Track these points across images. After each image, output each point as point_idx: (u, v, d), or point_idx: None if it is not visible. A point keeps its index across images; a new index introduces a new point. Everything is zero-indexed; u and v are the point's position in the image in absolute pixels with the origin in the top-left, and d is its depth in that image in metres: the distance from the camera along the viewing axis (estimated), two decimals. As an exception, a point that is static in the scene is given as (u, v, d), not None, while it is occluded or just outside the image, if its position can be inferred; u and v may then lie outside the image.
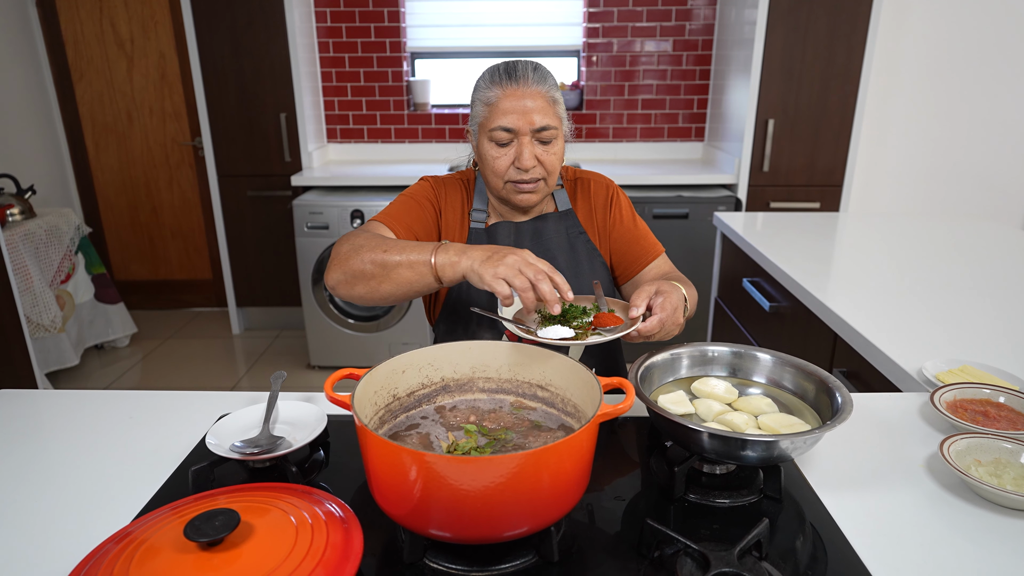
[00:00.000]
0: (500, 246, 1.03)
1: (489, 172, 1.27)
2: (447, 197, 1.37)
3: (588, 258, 1.37)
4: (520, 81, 1.21)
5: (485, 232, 1.35)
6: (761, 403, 0.97)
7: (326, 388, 0.83)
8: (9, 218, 3.00)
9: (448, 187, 1.38)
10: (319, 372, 3.35)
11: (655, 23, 3.58)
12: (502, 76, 1.23)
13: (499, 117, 1.21)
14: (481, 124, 1.25)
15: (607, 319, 1.04)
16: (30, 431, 1.06)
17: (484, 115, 1.24)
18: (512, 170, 1.25)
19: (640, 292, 1.09)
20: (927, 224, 2.35)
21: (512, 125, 1.21)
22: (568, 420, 0.91)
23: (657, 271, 1.40)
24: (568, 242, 1.36)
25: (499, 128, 1.22)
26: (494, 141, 1.24)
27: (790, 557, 0.77)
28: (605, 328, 1.04)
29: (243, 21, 3.24)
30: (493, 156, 1.24)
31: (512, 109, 1.21)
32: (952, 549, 0.78)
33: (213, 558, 0.65)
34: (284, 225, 3.50)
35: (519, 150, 1.22)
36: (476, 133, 1.28)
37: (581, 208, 1.41)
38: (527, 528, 0.72)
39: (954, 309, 1.52)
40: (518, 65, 1.24)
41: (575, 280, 1.34)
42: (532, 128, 1.21)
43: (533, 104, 1.21)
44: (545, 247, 1.35)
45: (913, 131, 3.61)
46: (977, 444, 0.92)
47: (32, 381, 2.45)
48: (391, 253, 1.10)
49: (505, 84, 1.22)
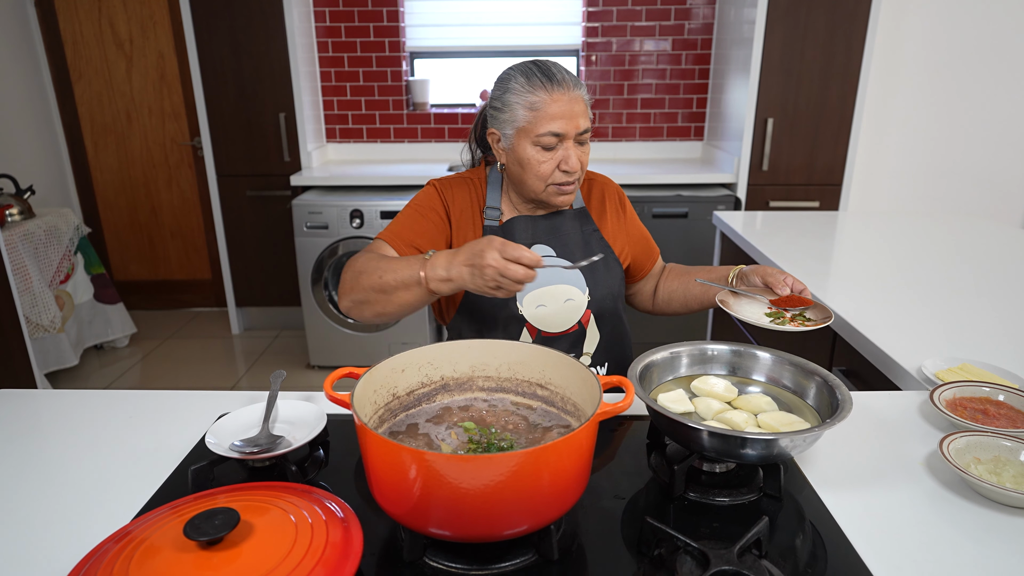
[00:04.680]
0: (476, 247, 1.07)
1: (531, 176, 1.27)
2: (455, 199, 1.37)
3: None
4: (564, 85, 1.22)
5: (500, 229, 1.35)
6: (761, 401, 0.97)
7: (326, 387, 0.83)
8: (8, 218, 3.00)
9: (455, 188, 1.38)
10: (319, 372, 3.35)
11: (654, 22, 3.58)
12: (543, 80, 1.22)
13: (547, 122, 1.21)
14: (523, 128, 1.24)
15: (795, 299, 1.18)
16: (30, 431, 1.06)
17: (528, 119, 1.23)
18: (557, 173, 1.26)
19: (772, 278, 1.22)
20: (926, 223, 2.35)
21: (561, 130, 1.22)
22: (567, 419, 0.91)
23: (658, 267, 1.52)
24: (583, 238, 1.38)
25: (548, 133, 1.22)
26: (540, 145, 1.24)
27: (790, 555, 0.77)
28: (795, 309, 1.18)
29: (242, 21, 3.24)
30: (539, 160, 1.25)
31: (560, 114, 1.21)
32: (951, 547, 0.78)
33: (213, 557, 0.65)
34: (283, 225, 3.50)
35: (565, 154, 1.24)
36: (512, 137, 1.26)
37: (594, 207, 1.43)
38: (527, 526, 0.72)
39: (953, 307, 1.52)
40: (553, 68, 1.23)
41: (592, 276, 1.36)
42: (577, 132, 1.23)
43: (578, 108, 1.23)
44: (563, 243, 1.36)
45: (912, 130, 3.61)
46: (976, 442, 0.92)
47: (31, 381, 2.45)
48: (386, 276, 1.15)
49: (550, 88, 1.21)
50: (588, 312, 1.36)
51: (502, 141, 1.29)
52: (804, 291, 1.20)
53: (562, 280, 1.34)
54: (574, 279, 1.35)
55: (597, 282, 1.36)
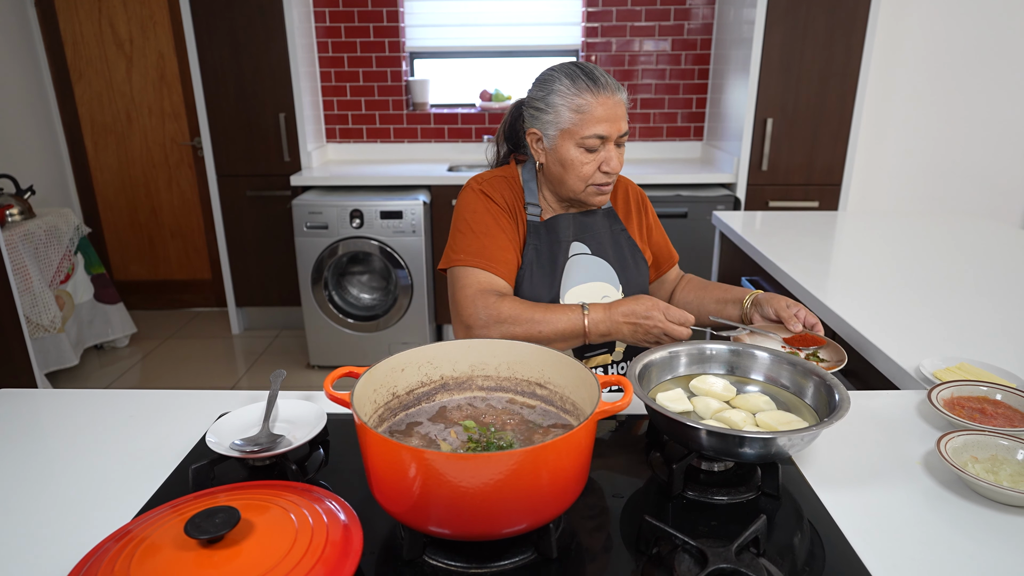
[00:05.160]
0: (639, 309, 1.19)
1: (573, 176, 1.30)
2: (499, 195, 1.38)
3: (631, 254, 1.44)
4: (608, 89, 1.25)
5: (543, 225, 1.38)
6: (759, 400, 0.97)
7: (326, 386, 0.83)
8: (8, 218, 3.00)
9: (497, 186, 1.39)
10: (319, 372, 3.35)
11: (654, 22, 3.58)
12: (588, 83, 1.25)
13: (593, 125, 1.24)
14: (568, 130, 1.27)
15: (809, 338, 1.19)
16: (30, 431, 1.06)
17: (574, 121, 1.26)
18: (598, 174, 1.29)
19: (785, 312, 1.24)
20: (925, 222, 2.35)
21: (606, 132, 1.25)
22: (566, 418, 0.91)
23: (675, 273, 1.57)
24: (612, 237, 1.43)
25: (593, 136, 1.25)
26: (584, 147, 1.27)
27: (788, 553, 0.77)
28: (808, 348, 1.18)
29: (242, 21, 3.24)
30: (582, 162, 1.28)
31: (606, 117, 1.25)
32: (949, 545, 0.78)
33: (213, 555, 0.65)
34: (283, 225, 3.50)
35: (607, 155, 1.28)
36: (555, 137, 1.29)
37: (620, 207, 1.48)
38: (526, 525, 0.72)
39: (952, 307, 1.52)
40: (596, 71, 1.27)
41: (624, 274, 1.41)
42: (619, 134, 1.27)
43: (620, 111, 1.27)
44: (597, 241, 1.40)
45: (911, 130, 3.61)
46: (974, 441, 0.92)
47: (32, 381, 2.46)
48: (544, 330, 1.22)
49: (596, 91, 1.24)
50: None
51: (543, 141, 1.32)
52: (816, 326, 1.22)
53: (598, 278, 1.38)
54: (609, 276, 1.39)
55: (629, 280, 1.41)
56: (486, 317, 1.24)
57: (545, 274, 1.36)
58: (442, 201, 3.27)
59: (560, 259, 1.37)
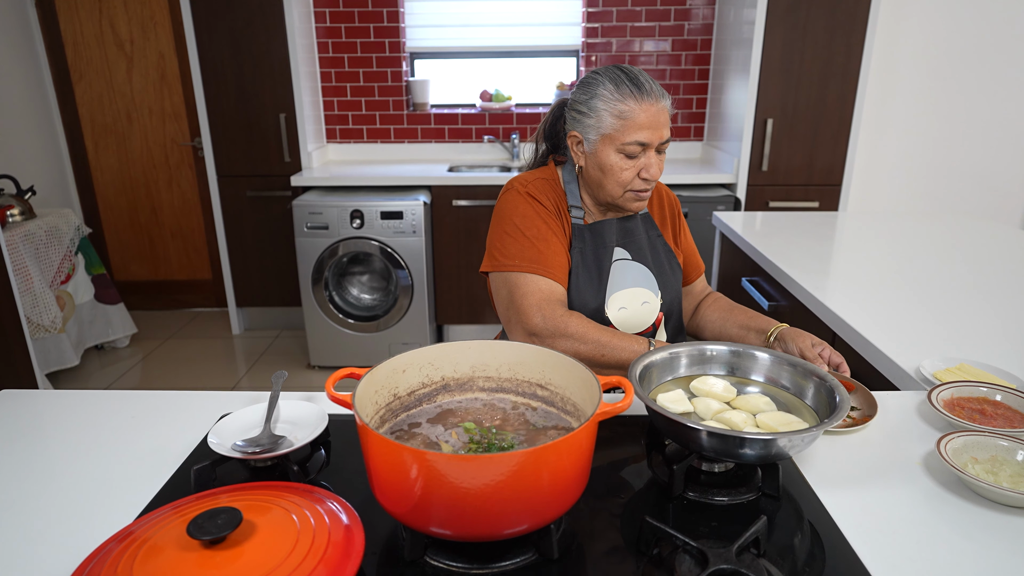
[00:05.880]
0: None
1: (612, 181, 1.30)
2: (545, 198, 1.37)
3: (668, 260, 1.44)
4: (652, 96, 1.24)
5: (588, 229, 1.38)
6: (759, 401, 0.97)
7: (327, 387, 0.83)
8: (9, 219, 3.00)
9: (540, 188, 1.39)
10: (319, 372, 3.35)
11: (654, 23, 3.59)
12: (632, 88, 1.24)
13: (635, 131, 1.24)
14: (609, 135, 1.26)
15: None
16: (31, 431, 1.06)
17: (616, 127, 1.25)
18: (637, 180, 1.29)
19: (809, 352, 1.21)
20: (925, 223, 2.35)
21: (648, 140, 1.25)
22: (567, 419, 0.92)
23: (702, 285, 1.57)
24: (650, 243, 1.43)
25: (634, 142, 1.25)
26: (624, 153, 1.26)
27: (788, 554, 0.78)
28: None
29: (242, 21, 3.24)
30: (621, 167, 1.28)
31: (648, 124, 1.24)
32: (949, 546, 0.79)
33: (215, 556, 0.65)
34: (284, 225, 3.50)
35: (647, 162, 1.27)
36: (596, 142, 1.29)
37: (656, 212, 1.48)
38: (527, 526, 0.73)
39: (952, 308, 1.52)
40: (641, 77, 1.26)
41: (663, 280, 1.41)
42: (660, 141, 1.26)
43: (663, 119, 1.26)
44: (638, 246, 1.41)
45: (912, 130, 3.61)
46: (974, 442, 0.93)
47: (32, 381, 2.46)
48: (607, 355, 1.22)
49: (639, 98, 1.24)
50: (660, 314, 1.41)
51: (584, 144, 1.31)
52: (841, 365, 1.19)
53: (639, 283, 1.38)
54: (649, 282, 1.39)
55: (666, 285, 1.41)
56: (553, 328, 1.25)
57: (592, 278, 1.36)
58: (442, 201, 3.27)
59: (605, 264, 1.37)
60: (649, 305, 1.38)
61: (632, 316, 1.37)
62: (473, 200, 3.26)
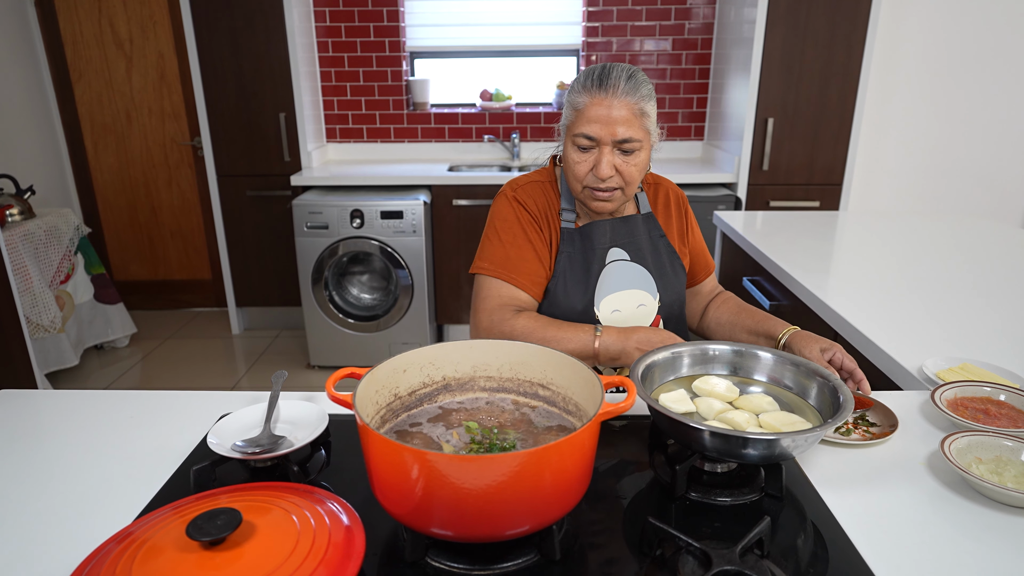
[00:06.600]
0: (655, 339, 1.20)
1: (570, 175, 1.29)
2: (533, 202, 1.36)
3: (670, 261, 1.41)
4: (609, 90, 1.20)
5: (578, 232, 1.36)
6: (762, 401, 0.97)
7: (328, 387, 0.83)
8: (8, 218, 3.00)
9: (529, 192, 1.37)
10: (319, 372, 3.35)
11: (654, 22, 3.58)
12: (594, 82, 1.22)
13: (583, 124, 1.22)
14: (567, 127, 1.27)
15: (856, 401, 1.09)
16: (30, 431, 1.06)
17: (571, 119, 1.25)
18: (590, 176, 1.26)
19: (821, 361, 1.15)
20: (927, 222, 2.35)
21: (594, 134, 1.22)
22: (569, 419, 0.91)
23: (711, 285, 1.54)
24: (651, 244, 1.40)
25: (581, 135, 1.23)
26: (576, 146, 1.25)
27: (791, 555, 0.77)
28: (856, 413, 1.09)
29: (242, 21, 3.24)
30: (574, 160, 1.26)
31: (596, 118, 1.21)
32: (953, 546, 0.78)
33: (215, 557, 0.65)
34: (284, 225, 3.50)
35: (598, 158, 1.23)
36: (563, 134, 1.29)
37: (661, 212, 1.44)
38: (529, 527, 0.72)
39: (954, 307, 1.52)
40: (612, 72, 1.22)
41: (662, 281, 1.38)
42: (614, 139, 1.22)
43: (619, 115, 1.20)
44: (636, 247, 1.37)
45: (912, 129, 3.61)
46: (978, 442, 0.92)
47: (32, 381, 2.45)
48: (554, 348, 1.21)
49: (594, 91, 1.21)
50: (658, 317, 1.38)
51: (559, 138, 1.32)
52: (855, 372, 1.14)
53: (635, 285, 1.36)
54: (647, 284, 1.37)
55: (667, 287, 1.38)
56: (499, 333, 1.25)
57: (578, 282, 1.34)
58: (442, 201, 3.27)
59: (595, 266, 1.34)
60: (645, 307, 1.36)
61: (626, 319, 1.35)
62: (473, 199, 3.25)
